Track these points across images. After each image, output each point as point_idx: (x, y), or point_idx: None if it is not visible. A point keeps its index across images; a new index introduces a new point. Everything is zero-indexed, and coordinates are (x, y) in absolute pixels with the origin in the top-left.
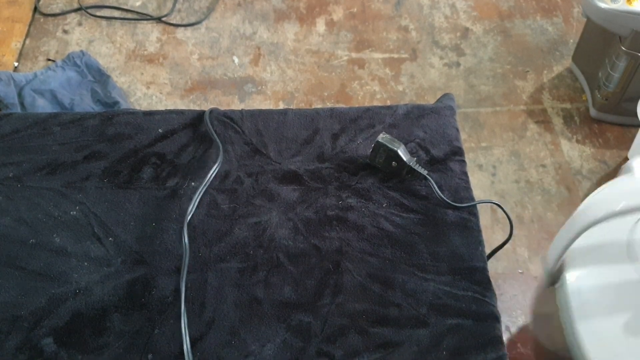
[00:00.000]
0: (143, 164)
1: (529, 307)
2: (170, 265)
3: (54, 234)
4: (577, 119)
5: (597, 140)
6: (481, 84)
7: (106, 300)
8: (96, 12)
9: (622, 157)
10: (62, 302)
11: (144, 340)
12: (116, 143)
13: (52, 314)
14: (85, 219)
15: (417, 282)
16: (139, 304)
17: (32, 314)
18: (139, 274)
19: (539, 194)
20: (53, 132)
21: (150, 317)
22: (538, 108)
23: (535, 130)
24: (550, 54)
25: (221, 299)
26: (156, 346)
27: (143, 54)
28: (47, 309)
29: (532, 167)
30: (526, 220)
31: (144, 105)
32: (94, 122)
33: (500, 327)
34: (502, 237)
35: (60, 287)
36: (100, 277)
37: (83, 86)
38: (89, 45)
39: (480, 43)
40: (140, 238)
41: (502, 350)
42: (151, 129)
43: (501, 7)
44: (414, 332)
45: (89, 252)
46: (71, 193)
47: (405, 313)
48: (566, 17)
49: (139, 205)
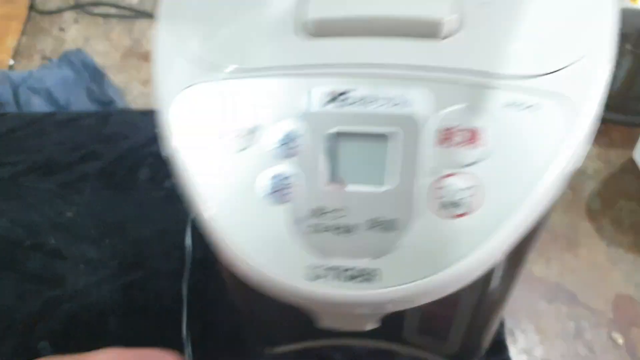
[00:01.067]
0: (140, 164)
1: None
2: (169, 267)
3: (50, 236)
4: None
5: (602, 139)
6: None
7: (103, 303)
8: (93, 9)
9: (627, 156)
10: (58, 305)
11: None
12: (112, 143)
13: (48, 317)
14: (82, 220)
15: None
16: (136, 307)
17: (28, 317)
18: (137, 277)
19: None
20: (49, 132)
21: (148, 321)
22: None
23: None
24: None
25: (223, 302)
26: None
27: (140, 51)
28: (43, 312)
29: None
30: None
31: (141, 103)
32: (90, 122)
33: (503, 331)
34: None
35: (56, 290)
36: (96, 280)
37: (79, 85)
38: (85, 43)
39: None
40: (138, 240)
41: (505, 355)
42: (148, 129)
43: None
44: None
45: (85, 254)
46: (67, 194)
47: None
48: None
49: (136, 206)
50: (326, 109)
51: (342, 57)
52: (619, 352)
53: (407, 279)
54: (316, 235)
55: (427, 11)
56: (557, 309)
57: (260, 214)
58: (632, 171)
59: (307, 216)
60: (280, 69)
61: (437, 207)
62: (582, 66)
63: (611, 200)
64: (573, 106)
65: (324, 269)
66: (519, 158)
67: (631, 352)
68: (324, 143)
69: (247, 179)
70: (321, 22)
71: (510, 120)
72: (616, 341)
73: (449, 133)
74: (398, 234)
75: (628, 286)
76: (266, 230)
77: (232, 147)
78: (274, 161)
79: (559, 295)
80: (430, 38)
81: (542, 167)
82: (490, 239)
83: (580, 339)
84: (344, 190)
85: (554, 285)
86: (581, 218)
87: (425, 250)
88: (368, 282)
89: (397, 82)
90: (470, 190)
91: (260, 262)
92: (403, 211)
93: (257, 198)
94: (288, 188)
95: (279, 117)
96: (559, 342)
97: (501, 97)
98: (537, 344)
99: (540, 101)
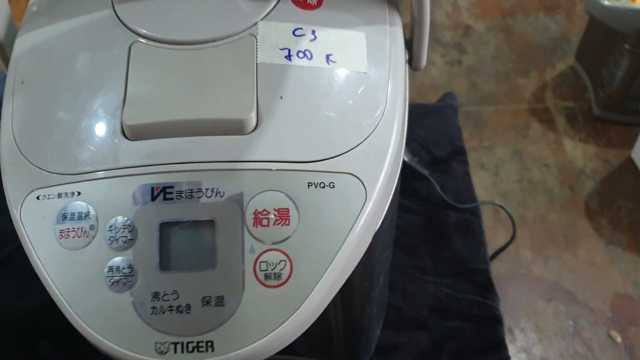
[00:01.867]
0: None
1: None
2: None
3: None
4: (581, 118)
5: (601, 139)
6: (483, 83)
7: None
8: None
9: (625, 156)
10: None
11: None
12: None
13: (47, 316)
14: None
15: (418, 284)
16: None
17: (28, 316)
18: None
19: (541, 193)
20: None
21: None
22: (541, 107)
23: (538, 129)
24: (552, 52)
25: None
26: None
27: None
28: (43, 312)
29: (535, 167)
30: (529, 221)
31: None
32: None
33: (503, 330)
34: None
35: None
36: None
37: None
38: None
39: (482, 41)
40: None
41: (504, 353)
42: None
43: (503, 4)
44: (414, 335)
45: None
46: None
47: (405, 315)
48: (569, 15)
49: None
50: (154, 204)
51: (162, 157)
52: (617, 350)
53: (238, 346)
54: (158, 317)
55: (230, 111)
56: (555, 308)
57: (109, 301)
58: (631, 171)
59: (148, 300)
60: (108, 171)
61: (262, 278)
62: (367, 146)
63: (610, 199)
64: (361, 181)
65: (169, 343)
66: (322, 231)
67: (629, 351)
68: (154, 234)
69: (93, 271)
70: (137, 127)
71: (312, 198)
72: (615, 340)
73: (263, 216)
74: (229, 307)
75: (626, 285)
76: (117, 315)
77: (75, 245)
78: (113, 254)
79: (558, 294)
80: (236, 134)
81: (342, 236)
82: (304, 304)
83: (578, 337)
84: (177, 275)
85: (553, 284)
86: (580, 217)
87: (252, 320)
88: (206, 353)
89: (214, 174)
90: (283, 263)
91: (115, 342)
92: (232, 286)
93: (104, 287)
94: (130, 276)
95: (113, 214)
96: (557, 340)
97: (303, 179)
98: (536, 343)
99: (334, 179)
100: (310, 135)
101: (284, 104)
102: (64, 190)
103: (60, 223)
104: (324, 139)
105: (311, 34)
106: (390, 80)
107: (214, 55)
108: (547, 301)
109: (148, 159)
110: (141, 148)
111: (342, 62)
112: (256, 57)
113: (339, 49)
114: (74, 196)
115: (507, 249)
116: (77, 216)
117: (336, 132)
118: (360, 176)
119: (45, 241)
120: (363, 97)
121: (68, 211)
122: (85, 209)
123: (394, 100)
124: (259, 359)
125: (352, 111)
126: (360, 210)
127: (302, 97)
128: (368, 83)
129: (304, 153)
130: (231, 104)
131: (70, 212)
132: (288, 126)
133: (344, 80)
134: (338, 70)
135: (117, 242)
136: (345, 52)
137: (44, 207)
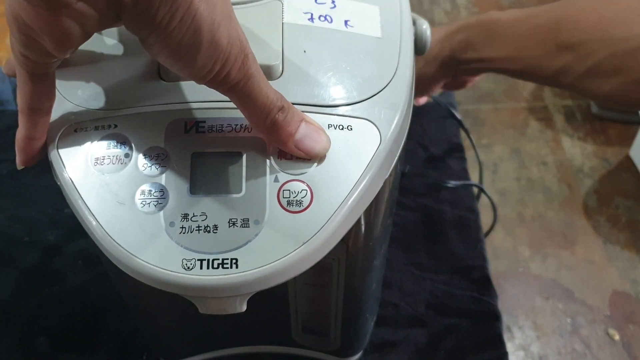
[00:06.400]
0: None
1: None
2: None
3: (48, 232)
4: (579, 116)
5: (599, 137)
6: (481, 81)
7: (101, 299)
8: None
9: (623, 154)
10: (57, 302)
11: (139, 340)
12: None
13: (46, 313)
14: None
15: (415, 281)
16: None
17: (26, 314)
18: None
19: (540, 192)
20: None
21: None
22: (539, 105)
23: (537, 128)
24: None
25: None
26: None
27: None
28: (41, 309)
29: (533, 165)
30: (527, 219)
31: None
32: None
33: (500, 326)
34: (503, 235)
35: (54, 287)
36: (94, 276)
37: None
38: None
39: None
40: None
41: (502, 349)
42: None
43: (502, 2)
44: (412, 331)
45: (84, 251)
46: None
47: (402, 312)
48: None
49: None
50: (187, 135)
51: (196, 96)
52: (615, 348)
53: (260, 263)
54: (186, 236)
55: (260, 57)
56: (553, 306)
57: (140, 220)
58: (629, 169)
59: (178, 220)
60: (144, 107)
61: (285, 204)
62: (382, 97)
63: (608, 197)
64: (377, 126)
65: (196, 260)
66: (340, 167)
67: (627, 349)
68: (186, 162)
69: (126, 193)
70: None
71: (331, 138)
72: (612, 337)
73: None
74: (254, 228)
75: (624, 283)
76: (147, 234)
77: (110, 170)
78: (147, 179)
79: (556, 291)
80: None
81: (358, 172)
82: (322, 229)
83: (576, 335)
84: (206, 199)
85: (551, 282)
86: (578, 215)
87: (275, 240)
88: (230, 269)
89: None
90: (304, 192)
91: (145, 258)
92: (257, 210)
93: (136, 209)
94: (161, 199)
95: (147, 144)
96: (555, 338)
97: (323, 120)
98: (534, 340)
99: (352, 123)
100: (330, 84)
101: (307, 56)
102: (101, 123)
103: (97, 151)
104: (342, 88)
105: (331, 2)
106: (401, 44)
107: (246, 14)
108: (546, 299)
109: (183, 97)
110: (177, 88)
111: (359, 27)
112: (282, 18)
113: (356, 17)
114: (110, 128)
115: (506, 247)
116: (112, 145)
117: (354, 83)
118: (375, 122)
119: (81, 167)
120: (378, 56)
121: (104, 140)
122: (121, 138)
123: (405, 62)
124: (279, 277)
125: (369, 67)
126: (375, 152)
127: (323, 52)
128: (383, 45)
129: (325, 99)
130: (261, 52)
131: (106, 142)
132: (310, 75)
133: (360, 41)
134: (356, 33)
135: (150, 169)
136: (361, 20)
137: (81, 137)
